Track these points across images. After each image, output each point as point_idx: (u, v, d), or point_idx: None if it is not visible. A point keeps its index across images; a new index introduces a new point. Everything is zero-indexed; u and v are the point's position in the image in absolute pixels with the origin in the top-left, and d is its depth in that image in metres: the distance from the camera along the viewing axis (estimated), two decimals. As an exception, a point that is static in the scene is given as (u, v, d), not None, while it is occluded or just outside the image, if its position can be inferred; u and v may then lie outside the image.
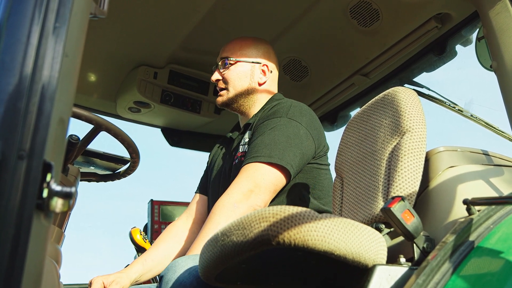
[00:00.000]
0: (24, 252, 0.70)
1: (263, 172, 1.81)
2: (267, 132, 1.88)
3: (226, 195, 1.78)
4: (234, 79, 2.08)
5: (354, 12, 2.24)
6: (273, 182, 1.82)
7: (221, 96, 2.10)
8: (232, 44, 2.13)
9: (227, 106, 2.12)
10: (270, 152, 1.82)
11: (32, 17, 0.77)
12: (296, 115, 1.93)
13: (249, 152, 1.88)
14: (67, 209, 0.73)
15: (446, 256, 1.25)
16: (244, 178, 1.80)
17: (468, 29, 2.20)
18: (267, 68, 2.12)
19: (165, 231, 2.13)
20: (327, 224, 1.18)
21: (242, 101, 2.09)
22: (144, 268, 1.95)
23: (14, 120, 0.73)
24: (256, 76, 2.10)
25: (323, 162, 2.00)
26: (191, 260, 1.56)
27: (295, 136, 1.88)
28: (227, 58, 2.09)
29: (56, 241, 1.64)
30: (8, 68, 0.74)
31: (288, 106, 1.96)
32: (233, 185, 1.80)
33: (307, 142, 1.91)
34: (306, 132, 1.91)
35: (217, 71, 2.11)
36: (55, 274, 1.53)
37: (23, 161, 0.72)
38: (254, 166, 1.82)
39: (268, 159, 1.81)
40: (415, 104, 1.57)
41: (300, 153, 1.88)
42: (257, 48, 2.12)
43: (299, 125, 1.91)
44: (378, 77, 2.57)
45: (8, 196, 0.70)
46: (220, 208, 1.75)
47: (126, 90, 2.74)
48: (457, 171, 1.53)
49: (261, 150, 1.84)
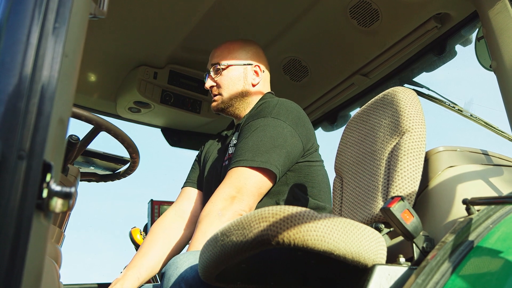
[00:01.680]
0: (24, 252, 0.70)
1: (245, 176, 1.80)
2: (250, 134, 1.87)
3: (210, 204, 1.78)
4: (228, 83, 2.08)
5: (354, 12, 2.24)
6: (256, 185, 1.81)
7: (216, 101, 2.10)
8: (220, 49, 2.12)
9: (222, 111, 2.12)
10: (253, 156, 1.81)
11: (31, 17, 0.77)
12: (281, 113, 1.91)
13: (233, 157, 1.87)
14: (67, 209, 0.73)
15: (445, 256, 1.25)
16: (227, 185, 1.80)
17: (468, 29, 2.20)
18: (259, 68, 2.11)
19: (154, 232, 2.05)
20: (327, 224, 1.18)
21: (237, 104, 2.09)
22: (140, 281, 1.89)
23: (14, 120, 0.73)
24: (249, 77, 2.10)
25: (315, 159, 1.98)
26: (192, 255, 1.57)
27: (279, 136, 1.86)
28: (218, 64, 2.09)
29: (56, 241, 1.65)
30: (7, 68, 0.74)
31: (273, 105, 1.94)
32: (216, 192, 1.80)
33: (292, 141, 1.88)
34: (291, 131, 1.89)
35: (209, 78, 2.11)
36: (55, 274, 1.53)
37: (23, 161, 0.72)
38: (237, 171, 1.81)
39: (251, 163, 1.80)
40: (415, 104, 1.57)
41: (286, 153, 1.86)
42: (246, 50, 2.12)
43: (284, 123, 1.89)
44: (378, 77, 2.57)
45: (8, 196, 0.70)
46: (206, 217, 1.74)
47: (126, 90, 2.74)
48: (456, 171, 1.53)
49: (244, 153, 1.83)
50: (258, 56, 2.14)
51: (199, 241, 1.68)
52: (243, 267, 1.35)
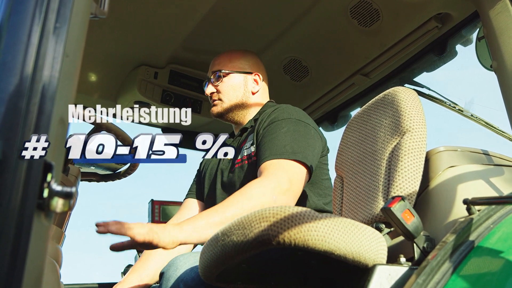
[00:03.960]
0: (25, 251, 0.70)
1: (296, 170, 1.78)
2: (283, 133, 1.87)
3: (266, 180, 1.70)
4: (229, 90, 2.11)
5: (355, 12, 2.24)
6: (303, 179, 1.80)
7: (216, 106, 2.13)
8: (221, 58, 2.16)
9: (221, 117, 2.14)
10: (295, 151, 1.80)
11: (32, 17, 0.77)
12: (301, 117, 1.95)
13: (268, 151, 1.82)
14: (68, 209, 0.73)
15: (446, 256, 1.25)
16: (279, 175, 1.72)
17: (469, 29, 2.20)
18: (259, 77, 2.15)
19: None
20: (328, 224, 1.18)
21: (237, 110, 2.12)
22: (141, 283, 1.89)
23: (14, 120, 0.73)
24: (249, 86, 2.13)
25: (325, 162, 2.02)
26: (192, 257, 1.56)
27: (309, 137, 1.89)
28: (219, 71, 2.12)
29: (57, 241, 1.65)
30: (9, 68, 0.74)
31: (290, 109, 1.98)
32: (271, 176, 1.73)
33: (318, 142, 1.93)
34: (315, 132, 1.94)
35: (210, 84, 2.14)
36: (55, 274, 1.53)
37: (23, 161, 0.72)
38: (287, 163, 1.78)
39: (296, 157, 1.79)
40: (416, 104, 1.57)
41: (317, 153, 1.90)
42: (246, 59, 2.16)
43: (308, 125, 1.93)
44: (379, 77, 2.57)
45: (9, 196, 0.70)
46: (259, 188, 1.66)
47: (126, 90, 2.74)
48: (457, 171, 1.53)
49: (284, 147, 1.81)
50: (257, 65, 2.18)
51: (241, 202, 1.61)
52: (243, 267, 1.35)
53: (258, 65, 2.19)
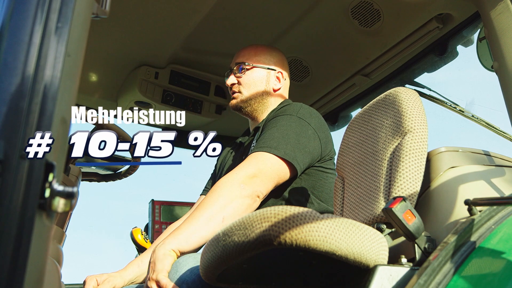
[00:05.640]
0: (26, 251, 0.70)
1: (269, 162, 1.80)
2: (276, 128, 1.89)
3: (232, 174, 1.76)
4: (250, 83, 2.10)
5: (355, 13, 2.24)
6: (277, 172, 1.81)
7: (235, 98, 2.12)
8: (247, 50, 2.15)
9: (239, 110, 2.14)
10: (278, 145, 1.82)
11: (34, 17, 0.77)
12: (305, 115, 1.95)
13: (257, 143, 1.88)
14: (69, 209, 0.73)
15: (447, 257, 1.25)
16: (249, 165, 1.79)
17: (469, 30, 2.20)
18: (282, 75, 2.15)
19: (165, 232, 2.11)
20: (329, 225, 1.18)
21: (256, 105, 2.11)
22: (140, 270, 1.92)
23: (16, 119, 0.73)
24: (271, 82, 2.12)
25: (329, 167, 2.00)
26: (192, 258, 1.56)
27: (303, 135, 1.89)
28: (243, 63, 2.12)
29: (58, 241, 1.64)
30: (10, 67, 0.74)
31: (298, 106, 1.98)
32: (237, 168, 1.79)
33: (314, 143, 1.92)
34: (314, 133, 1.93)
35: (232, 75, 2.13)
36: (56, 274, 1.53)
37: (25, 161, 0.72)
38: (260, 155, 1.81)
39: (276, 152, 1.81)
40: (417, 105, 1.57)
41: (307, 153, 1.89)
42: (271, 55, 2.15)
43: (308, 125, 1.92)
44: (379, 78, 2.57)
45: (11, 195, 0.70)
46: (226, 183, 1.72)
47: (127, 90, 2.74)
48: (458, 172, 1.52)
49: (269, 142, 1.84)
50: (282, 63, 2.18)
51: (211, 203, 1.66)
52: (244, 268, 1.35)
53: (283, 63, 2.18)
